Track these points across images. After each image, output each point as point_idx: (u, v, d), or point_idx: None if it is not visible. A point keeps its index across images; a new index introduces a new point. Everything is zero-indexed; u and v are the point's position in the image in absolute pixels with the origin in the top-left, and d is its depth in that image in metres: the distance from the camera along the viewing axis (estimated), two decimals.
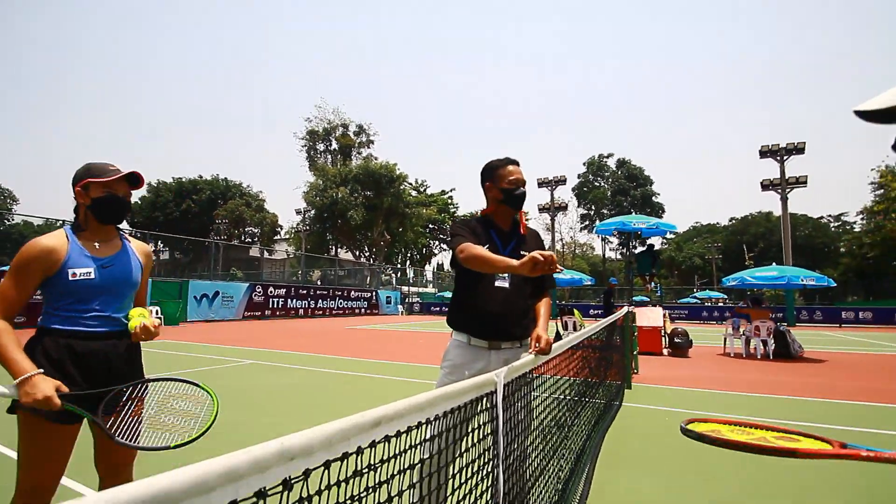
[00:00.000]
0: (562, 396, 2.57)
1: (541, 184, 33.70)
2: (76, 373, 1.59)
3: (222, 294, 21.18)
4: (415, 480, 1.07)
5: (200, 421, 1.63)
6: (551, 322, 2.89)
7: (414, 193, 51.15)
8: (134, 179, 1.74)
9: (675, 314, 24.21)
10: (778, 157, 26.13)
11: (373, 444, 0.77)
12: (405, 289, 39.56)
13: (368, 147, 51.35)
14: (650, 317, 8.80)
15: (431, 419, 1.02)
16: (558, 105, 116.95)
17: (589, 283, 13.95)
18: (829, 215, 62.83)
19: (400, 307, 33.90)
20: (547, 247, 2.28)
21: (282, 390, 5.73)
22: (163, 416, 1.71)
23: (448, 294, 36.22)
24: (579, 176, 59.19)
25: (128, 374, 1.72)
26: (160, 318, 17.72)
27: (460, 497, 1.21)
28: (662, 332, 9.15)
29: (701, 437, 1.25)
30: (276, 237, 57.76)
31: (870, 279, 39.59)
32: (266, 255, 51.27)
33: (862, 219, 45.78)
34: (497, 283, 2.05)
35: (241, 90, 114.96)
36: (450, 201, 56.38)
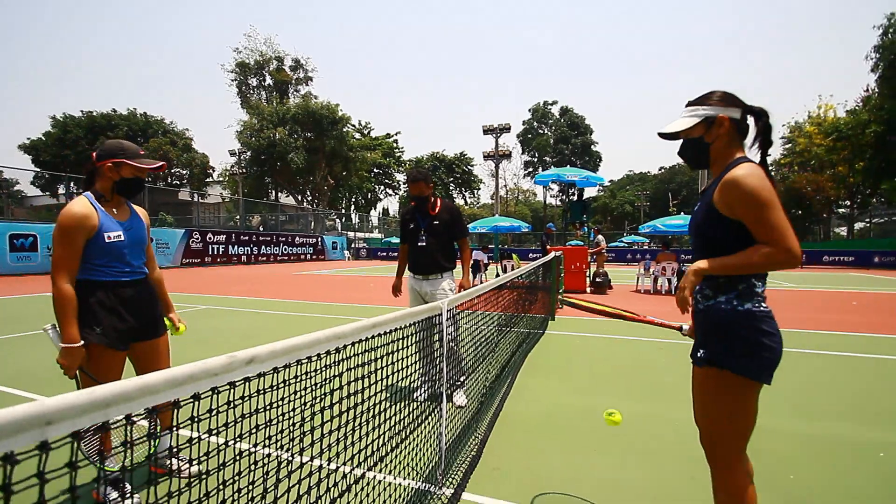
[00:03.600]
0: (491, 322, 3.31)
1: (486, 131, 33.94)
2: (124, 312, 2.05)
3: (156, 241, 20.20)
4: (409, 355, 1.76)
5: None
6: (494, 265, 3.92)
7: (358, 136, 49.39)
8: (158, 169, 2.10)
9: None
10: None
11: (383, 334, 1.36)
12: (351, 234, 39.38)
13: (307, 84, 48.16)
14: (576, 259, 9.95)
15: (411, 324, 1.67)
16: (505, 49, 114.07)
17: (527, 229, 15.05)
18: None
19: (346, 253, 33.98)
20: (490, 193, 3.34)
21: (249, 331, 6.14)
22: None
23: (394, 239, 36.78)
24: (524, 122, 59.77)
25: (153, 309, 2.20)
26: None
27: (426, 371, 1.86)
28: (587, 272, 10.38)
29: (573, 303, 2.09)
30: (207, 180, 54.03)
31: None
32: (199, 199, 48.10)
33: (772, 170, 50.56)
34: (419, 244, 3.46)
35: (157, 11, 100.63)
36: (395, 145, 55.16)
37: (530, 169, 60.27)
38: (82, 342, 1.89)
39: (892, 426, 2.97)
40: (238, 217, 33.76)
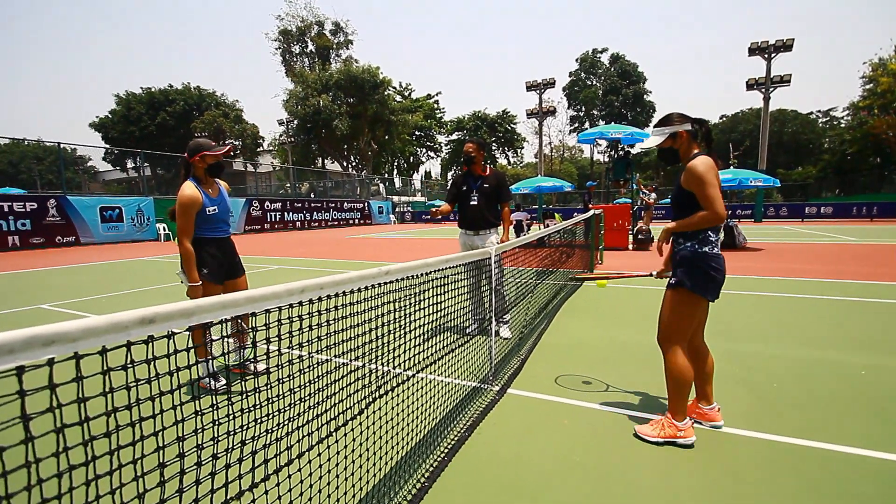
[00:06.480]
0: (531, 271, 3.94)
1: (529, 87, 33.10)
2: (220, 258, 2.96)
3: None
4: (463, 292, 2.45)
5: None
6: (536, 225, 4.45)
7: (399, 99, 49.47)
8: (229, 151, 2.92)
9: (655, 213, 25.91)
10: (766, 55, 25.92)
11: (440, 271, 2.03)
12: (395, 198, 40.43)
13: (347, 48, 48.45)
14: (618, 217, 10.18)
15: (466, 263, 2.33)
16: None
17: (570, 188, 15.14)
18: (819, 111, 62.25)
19: (392, 217, 35.12)
20: (534, 152, 3.81)
21: None
22: None
23: (438, 203, 37.49)
24: (571, 74, 57.06)
25: (236, 256, 3.13)
26: (169, 233, 18.83)
27: (474, 309, 2.54)
28: (630, 230, 10.59)
29: (581, 278, 2.77)
30: (258, 149, 56.47)
31: (846, 175, 40.66)
32: (250, 168, 50.74)
33: (847, 115, 45.71)
34: (471, 203, 4.00)
35: None
36: (436, 106, 54.77)
37: (576, 124, 58.07)
38: (200, 282, 2.81)
39: (875, 354, 3.36)
40: (289, 185, 35.53)
